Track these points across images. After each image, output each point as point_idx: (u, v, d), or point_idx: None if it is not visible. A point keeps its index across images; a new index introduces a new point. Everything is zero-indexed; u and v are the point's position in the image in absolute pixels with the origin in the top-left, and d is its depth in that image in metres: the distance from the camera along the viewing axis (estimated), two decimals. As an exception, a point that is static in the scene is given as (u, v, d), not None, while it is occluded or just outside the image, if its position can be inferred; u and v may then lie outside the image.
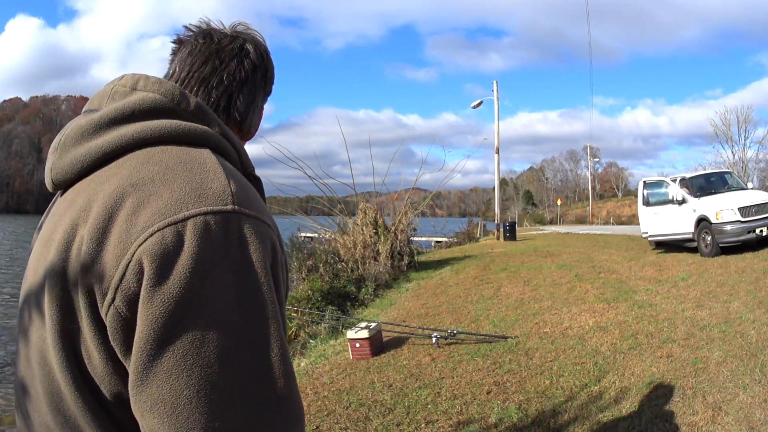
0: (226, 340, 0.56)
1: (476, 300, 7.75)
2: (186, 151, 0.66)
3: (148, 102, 0.69)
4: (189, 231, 0.57)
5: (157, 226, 0.57)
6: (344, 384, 4.48)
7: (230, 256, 0.58)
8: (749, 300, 5.62)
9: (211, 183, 0.61)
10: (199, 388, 0.54)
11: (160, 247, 0.56)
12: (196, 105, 0.71)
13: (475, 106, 24.56)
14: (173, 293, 0.55)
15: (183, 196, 0.59)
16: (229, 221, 0.59)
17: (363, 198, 13.93)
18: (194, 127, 0.68)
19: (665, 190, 10.62)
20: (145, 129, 0.66)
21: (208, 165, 0.64)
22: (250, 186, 0.68)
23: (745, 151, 35.99)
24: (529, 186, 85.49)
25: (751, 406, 3.19)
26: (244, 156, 0.76)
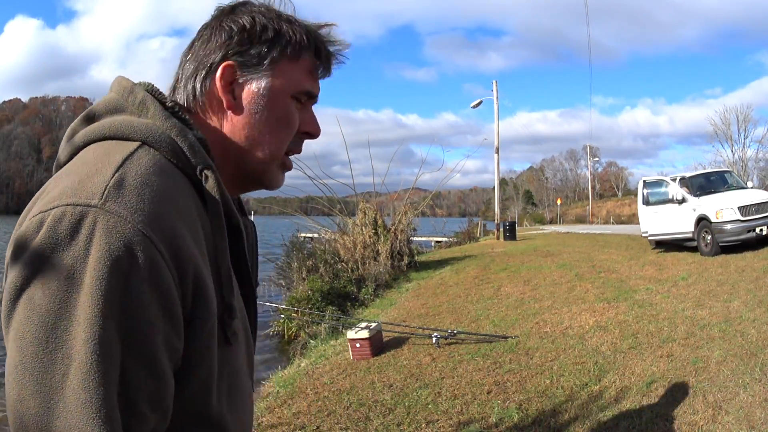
0: (16, 359, 0.52)
1: (476, 300, 7.75)
2: (112, 146, 0.63)
3: (104, 101, 0.70)
4: (47, 220, 0.54)
5: (32, 213, 0.57)
6: (345, 384, 4.48)
7: (69, 250, 0.53)
8: (749, 299, 5.62)
9: (96, 177, 0.58)
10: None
11: (23, 232, 0.55)
12: (141, 99, 0.68)
13: (474, 106, 24.57)
14: (15, 273, 0.54)
15: (67, 189, 0.57)
16: (85, 215, 0.54)
17: (363, 198, 13.93)
18: (128, 122, 0.66)
19: (665, 189, 10.62)
20: (92, 128, 0.67)
21: (111, 159, 0.60)
22: (162, 183, 0.60)
23: (745, 151, 35.97)
24: (528, 186, 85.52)
25: (752, 405, 3.19)
26: (191, 151, 0.66)
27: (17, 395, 0.51)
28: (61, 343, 0.51)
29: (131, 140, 0.64)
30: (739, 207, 8.72)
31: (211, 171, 0.66)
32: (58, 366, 0.51)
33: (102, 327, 0.51)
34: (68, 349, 0.51)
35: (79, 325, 0.51)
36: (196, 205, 0.64)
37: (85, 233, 0.54)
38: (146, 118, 0.67)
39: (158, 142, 0.64)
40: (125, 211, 0.55)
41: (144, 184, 0.58)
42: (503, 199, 50.80)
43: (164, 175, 0.61)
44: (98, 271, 0.52)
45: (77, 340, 0.51)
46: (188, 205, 0.63)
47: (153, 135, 0.65)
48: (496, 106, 24.39)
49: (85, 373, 0.51)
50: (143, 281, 0.54)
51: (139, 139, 0.64)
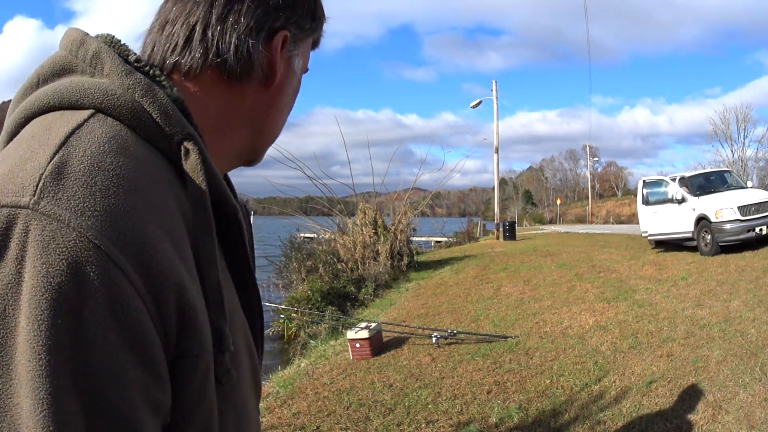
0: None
1: (476, 300, 7.75)
2: (55, 119, 0.47)
3: (49, 62, 0.53)
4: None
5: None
6: (344, 384, 4.48)
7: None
8: (749, 299, 5.62)
9: (28, 163, 0.42)
10: None
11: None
12: (94, 52, 0.51)
13: (474, 105, 24.58)
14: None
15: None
16: (12, 221, 0.39)
17: (362, 198, 13.95)
18: (77, 84, 0.49)
19: (665, 189, 10.63)
20: (32, 97, 0.51)
21: (50, 137, 0.45)
22: (118, 168, 0.43)
23: (745, 150, 36.04)
24: (528, 185, 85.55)
25: (752, 405, 3.19)
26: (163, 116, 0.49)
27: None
28: (3, 410, 0.36)
29: (81, 108, 0.48)
30: (739, 207, 8.72)
31: (192, 142, 0.50)
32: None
33: (51, 388, 0.36)
34: (13, 418, 0.36)
35: (21, 386, 0.36)
36: (173, 191, 0.48)
37: (15, 249, 0.38)
38: (101, 77, 0.50)
39: (117, 107, 0.48)
40: (67, 212, 0.39)
41: (95, 169, 0.42)
42: (503, 199, 50.83)
43: (125, 152, 0.45)
44: (35, 307, 0.37)
45: (22, 407, 0.36)
46: (162, 192, 0.46)
47: (109, 98, 0.48)
48: (495, 105, 24.42)
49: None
50: (102, 316, 0.38)
51: (90, 105, 0.48)
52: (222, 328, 0.48)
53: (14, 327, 0.37)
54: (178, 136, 0.50)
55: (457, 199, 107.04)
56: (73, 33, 0.54)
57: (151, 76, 0.52)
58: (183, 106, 0.52)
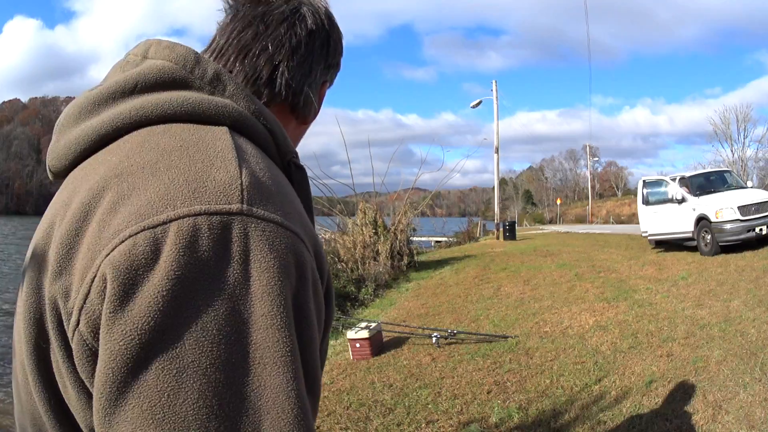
0: (208, 394, 0.40)
1: (476, 300, 7.75)
2: (194, 131, 0.51)
3: (154, 71, 0.55)
4: (170, 239, 0.42)
5: (129, 231, 0.43)
6: (344, 384, 4.48)
7: (224, 277, 0.42)
8: (749, 299, 5.62)
9: (216, 173, 0.46)
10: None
11: (127, 258, 0.41)
12: (214, 73, 0.56)
13: (474, 105, 24.60)
14: (137, 324, 0.40)
15: (172, 191, 0.44)
16: (229, 227, 0.43)
17: (362, 198, 13.94)
18: (208, 101, 0.53)
19: (665, 189, 10.63)
20: (146, 104, 0.53)
21: (218, 148, 0.49)
22: (280, 179, 0.52)
23: (745, 150, 36.04)
24: (528, 185, 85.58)
25: (752, 405, 3.19)
26: (281, 138, 0.58)
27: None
28: (241, 401, 0.41)
29: (214, 123, 0.53)
30: (739, 207, 8.72)
31: (297, 160, 0.61)
32: (287, 400, 0.42)
33: (295, 359, 0.43)
34: (255, 404, 0.41)
35: (267, 367, 0.41)
36: None
37: (238, 250, 0.43)
38: (222, 97, 0.55)
39: (248, 127, 0.55)
40: (277, 216, 0.46)
41: (275, 180, 0.50)
42: (503, 199, 50.84)
43: (273, 167, 0.53)
44: (275, 295, 0.43)
45: (268, 387, 0.41)
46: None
47: (243, 118, 0.54)
48: (495, 105, 24.43)
49: (296, 407, 0.42)
50: (309, 294, 0.47)
51: (225, 122, 0.53)
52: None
53: (248, 318, 0.42)
54: (290, 156, 0.60)
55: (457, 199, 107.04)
56: (178, 48, 0.58)
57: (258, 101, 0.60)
58: (282, 131, 0.60)
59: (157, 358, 0.40)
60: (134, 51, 0.60)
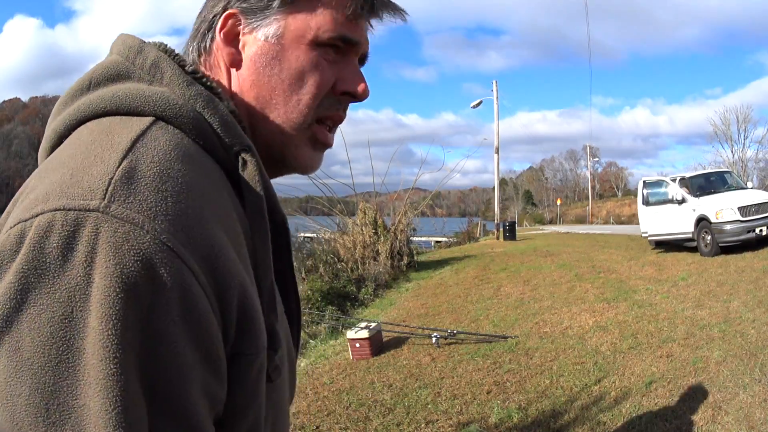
0: (37, 396, 0.37)
1: (476, 300, 7.75)
2: (115, 124, 0.48)
3: (104, 66, 0.54)
4: (30, 233, 0.40)
5: (9, 224, 0.42)
6: (344, 384, 4.48)
7: (65, 279, 0.38)
8: (749, 299, 5.62)
9: (95, 167, 0.43)
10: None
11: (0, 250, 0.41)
12: (153, 61, 0.53)
13: (474, 106, 24.60)
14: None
15: (54, 186, 0.42)
16: (81, 225, 0.39)
17: (363, 198, 13.95)
18: (135, 91, 0.50)
19: (665, 189, 10.63)
20: (86, 101, 0.51)
21: (114, 141, 0.45)
22: (184, 173, 0.45)
23: (745, 151, 35.97)
24: (528, 186, 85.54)
25: (751, 406, 3.19)
26: (223, 127, 0.51)
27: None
28: (66, 411, 0.37)
29: (142, 115, 0.49)
30: (739, 207, 8.72)
31: (249, 154, 0.52)
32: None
33: (122, 386, 0.37)
34: (78, 419, 0.37)
35: (90, 386, 0.37)
36: (231, 199, 0.50)
37: (84, 251, 0.39)
38: (160, 86, 0.52)
39: (179, 117, 0.50)
40: (140, 215, 0.40)
41: (164, 175, 0.43)
42: (503, 199, 50.83)
43: (191, 159, 0.47)
44: (108, 307, 0.38)
45: (90, 407, 0.37)
46: (224, 199, 0.49)
47: (172, 107, 0.50)
48: (495, 106, 24.43)
49: None
50: (172, 315, 0.40)
51: (152, 113, 0.49)
52: (275, 328, 0.50)
53: (83, 328, 0.38)
54: (237, 147, 0.52)
55: (457, 199, 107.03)
56: (128, 39, 0.55)
57: (211, 87, 0.54)
58: (239, 119, 0.54)
59: (5, 348, 0.38)
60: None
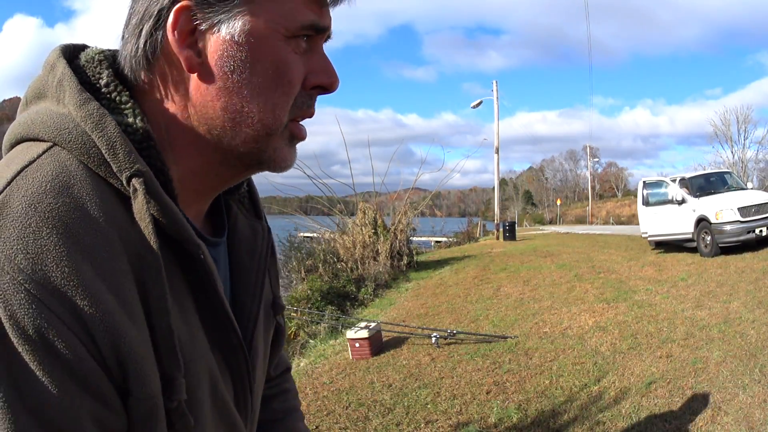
0: None
1: (476, 300, 7.75)
2: (18, 153, 0.47)
3: (33, 83, 0.52)
4: None
5: None
6: (344, 384, 4.48)
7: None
8: (749, 300, 5.62)
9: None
10: None
11: None
12: (59, 79, 0.49)
13: (474, 106, 24.60)
14: None
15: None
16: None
17: (362, 198, 13.95)
18: (39, 115, 0.48)
19: (665, 190, 10.63)
20: (13, 126, 0.50)
21: (3, 174, 0.44)
22: (53, 209, 0.42)
23: (745, 151, 35.99)
24: (528, 186, 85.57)
25: (751, 406, 3.19)
26: (110, 151, 0.46)
27: None
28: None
29: (42, 140, 0.47)
30: (739, 208, 8.72)
31: (141, 179, 0.46)
32: None
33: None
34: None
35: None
36: (123, 231, 0.45)
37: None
38: (64, 106, 0.48)
39: (70, 141, 0.46)
40: (1, 255, 0.39)
41: (30, 210, 0.41)
42: (503, 199, 50.85)
43: (67, 191, 0.43)
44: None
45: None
46: (102, 234, 0.43)
47: (62, 132, 0.46)
48: (496, 106, 24.44)
49: None
50: (40, 359, 0.38)
51: (50, 138, 0.46)
52: (173, 376, 0.46)
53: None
54: (127, 172, 0.46)
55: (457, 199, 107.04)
56: (52, 53, 0.51)
57: (117, 102, 0.49)
58: (147, 133, 0.48)
59: None
60: None
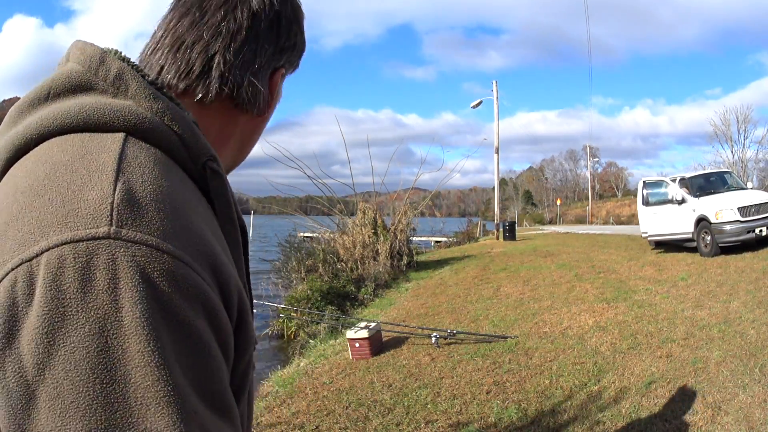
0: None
1: (476, 300, 7.75)
2: (87, 142, 0.47)
3: (63, 75, 0.51)
4: (41, 273, 0.39)
5: (10, 264, 0.40)
6: (344, 384, 4.48)
7: (92, 312, 0.38)
8: (749, 300, 5.63)
9: (89, 192, 0.42)
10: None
11: (9, 296, 0.39)
12: (117, 72, 0.51)
13: (474, 106, 24.62)
14: (21, 363, 0.38)
15: (47, 216, 0.41)
16: (95, 255, 0.39)
17: (362, 198, 13.96)
18: (104, 105, 0.48)
19: (665, 189, 10.63)
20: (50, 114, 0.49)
21: (100, 162, 0.44)
22: (174, 190, 0.46)
23: (745, 151, 35.96)
24: (528, 186, 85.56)
25: (751, 406, 3.19)
26: (191, 140, 0.51)
27: None
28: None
29: (112, 131, 0.48)
30: (739, 208, 8.72)
31: (216, 164, 0.53)
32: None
33: (181, 400, 0.39)
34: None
35: (148, 410, 0.38)
36: (206, 209, 0.51)
37: (105, 280, 0.39)
38: (125, 99, 0.50)
39: (148, 131, 0.49)
40: (152, 237, 0.41)
41: (159, 193, 0.44)
42: (503, 199, 50.84)
43: (173, 176, 0.48)
44: (145, 330, 0.38)
45: (154, 430, 0.38)
46: (206, 210, 0.50)
47: (141, 122, 0.48)
48: (495, 106, 24.45)
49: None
50: (203, 325, 0.42)
51: (122, 128, 0.48)
52: (253, 327, 0.54)
53: (122, 356, 0.38)
54: (204, 158, 0.52)
55: (457, 199, 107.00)
56: (89, 49, 0.53)
57: (172, 98, 0.53)
58: (199, 129, 0.54)
59: (43, 398, 0.38)
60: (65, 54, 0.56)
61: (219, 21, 0.59)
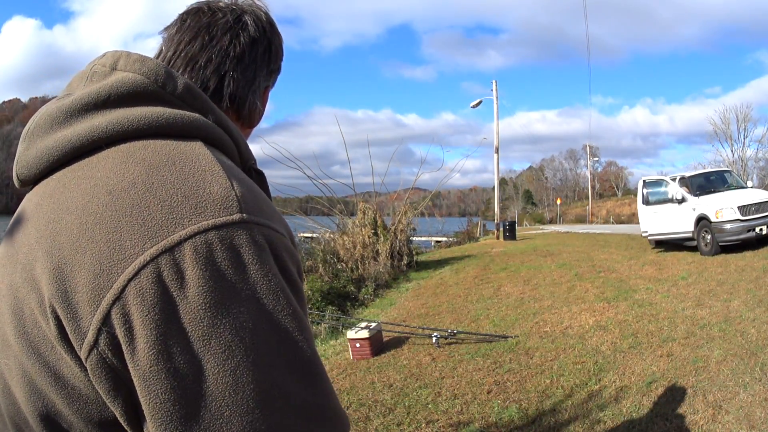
0: (265, 386, 0.46)
1: (476, 299, 7.75)
2: (174, 146, 0.53)
3: (127, 84, 0.56)
4: (189, 258, 0.46)
5: (148, 254, 0.45)
6: (344, 384, 4.48)
7: (246, 281, 0.47)
8: (749, 299, 5.62)
9: (209, 186, 0.49)
10: None
11: (156, 283, 0.45)
12: (184, 87, 0.58)
13: (474, 105, 24.59)
14: (187, 342, 0.44)
15: (175, 208, 0.48)
16: (237, 236, 0.48)
17: (362, 198, 13.94)
18: (182, 115, 0.55)
19: (665, 189, 10.63)
20: (122, 119, 0.53)
21: (203, 162, 0.51)
22: (254, 185, 0.56)
23: (745, 150, 35.99)
24: (528, 185, 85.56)
25: (752, 405, 3.19)
26: (243, 147, 0.63)
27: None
28: (301, 365, 0.49)
29: (188, 138, 0.55)
30: (739, 206, 8.72)
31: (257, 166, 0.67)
32: (318, 383, 0.51)
33: (306, 337, 0.50)
34: (311, 355, 0.50)
35: (301, 346, 0.49)
36: None
37: (250, 254, 0.48)
38: (191, 110, 0.57)
39: (219, 139, 0.58)
40: (270, 221, 0.52)
41: (254, 189, 0.55)
42: (503, 198, 50.84)
43: (243, 176, 0.58)
44: (283, 289, 0.49)
45: (306, 342, 0.50)
46: None
47: (212, 132, 0.57)
48: (495, 105, 24.43)
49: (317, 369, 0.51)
50: (300, 279, 0.55)
51: (198, 136, 0.56)
52: None
53: (279, 311, 0.48)
54: (250, 161, 0.65)
55: (457, 199, 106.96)
56: (150, 62, 0.58)
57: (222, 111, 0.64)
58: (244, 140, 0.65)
59: (211, 363, 0.44)
60: (100, 61, 0.60)
61: (226, 45, 0.69)
